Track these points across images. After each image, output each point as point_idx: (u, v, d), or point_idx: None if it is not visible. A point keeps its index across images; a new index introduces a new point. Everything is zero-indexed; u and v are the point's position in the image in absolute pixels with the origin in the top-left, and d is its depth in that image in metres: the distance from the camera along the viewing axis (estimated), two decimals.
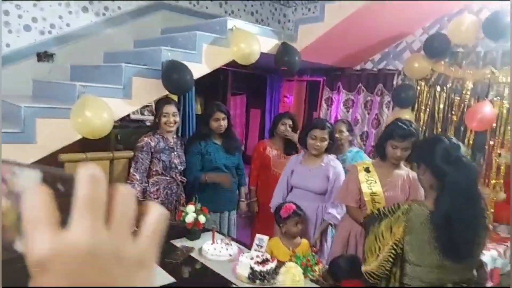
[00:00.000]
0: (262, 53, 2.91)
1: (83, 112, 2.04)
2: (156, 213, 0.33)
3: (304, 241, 2.27)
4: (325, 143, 2.45)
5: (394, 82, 3.65)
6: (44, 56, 2.81)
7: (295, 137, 3.01)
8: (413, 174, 2.16)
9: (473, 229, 1.41)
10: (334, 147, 2.61)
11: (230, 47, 2.67)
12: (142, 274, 0.31)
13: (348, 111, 4.05)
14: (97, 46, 3.03)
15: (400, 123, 2.09)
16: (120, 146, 2.71)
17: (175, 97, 2.92)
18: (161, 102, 2.58)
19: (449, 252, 1.40)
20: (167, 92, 2.43)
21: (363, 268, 1.55)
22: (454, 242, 1.38)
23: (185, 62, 2.44)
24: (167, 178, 2.61)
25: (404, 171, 2.19)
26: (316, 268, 1.76)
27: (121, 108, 2.30)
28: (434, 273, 1.44)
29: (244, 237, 3.10)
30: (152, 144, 2.53)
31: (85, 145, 2.44)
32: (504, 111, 3.06)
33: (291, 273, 1.59)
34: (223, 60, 2.67)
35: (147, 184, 2.55)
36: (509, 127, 3.08)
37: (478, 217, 1.44)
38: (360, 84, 3.89)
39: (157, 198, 2.57)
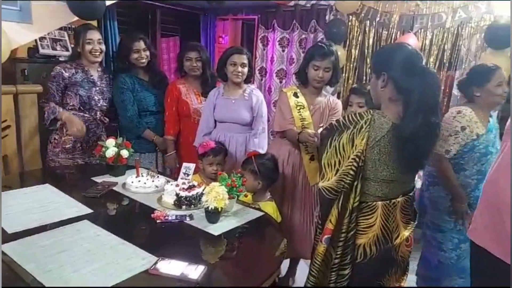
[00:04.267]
0: None
1: None
2: None
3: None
4: (246, 69, 2.35)
5: (327, 18, 3.62)
6: None
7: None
8: (332, 98, 2.25)
9: (433, 140, 1.37)
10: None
11: None
12: None
13: (283, 50, 3.98)
14: None
15: (319, 44, 2.14)
16: (28, 82, 2.42)
17: None
18: (82, 28, 2.30)
19: (409, 165, 1.36)
20: (74, 18, 2.15)
21: (321, 184, 1.40)
22: (416, 154, 1.33)
23: None
24: (85, 115, 2.37)
25: (324, 97, 2.24)
26: (242, 188, 1.74)
27: (20, 33, 2.01)
28: (384, 188, 1.38)
29: None
30: (66, 74, 2.28)
31: None
32: (427, 42, 3.19)
33: (215, 191, 1.55)
34: None
35: None
36: (431, 59, 3.23)
37: (438, 128, 1.36)
38: (294, 21, 3.81)
39: (70, 136, 2.31)
